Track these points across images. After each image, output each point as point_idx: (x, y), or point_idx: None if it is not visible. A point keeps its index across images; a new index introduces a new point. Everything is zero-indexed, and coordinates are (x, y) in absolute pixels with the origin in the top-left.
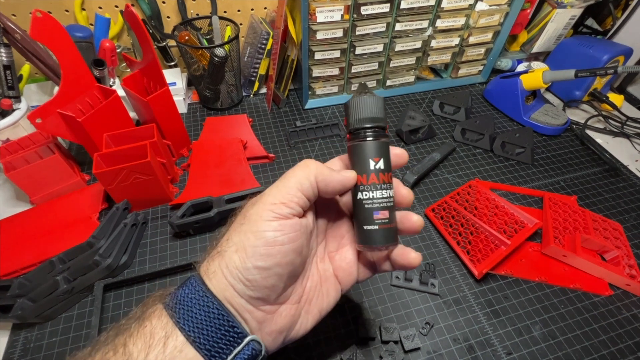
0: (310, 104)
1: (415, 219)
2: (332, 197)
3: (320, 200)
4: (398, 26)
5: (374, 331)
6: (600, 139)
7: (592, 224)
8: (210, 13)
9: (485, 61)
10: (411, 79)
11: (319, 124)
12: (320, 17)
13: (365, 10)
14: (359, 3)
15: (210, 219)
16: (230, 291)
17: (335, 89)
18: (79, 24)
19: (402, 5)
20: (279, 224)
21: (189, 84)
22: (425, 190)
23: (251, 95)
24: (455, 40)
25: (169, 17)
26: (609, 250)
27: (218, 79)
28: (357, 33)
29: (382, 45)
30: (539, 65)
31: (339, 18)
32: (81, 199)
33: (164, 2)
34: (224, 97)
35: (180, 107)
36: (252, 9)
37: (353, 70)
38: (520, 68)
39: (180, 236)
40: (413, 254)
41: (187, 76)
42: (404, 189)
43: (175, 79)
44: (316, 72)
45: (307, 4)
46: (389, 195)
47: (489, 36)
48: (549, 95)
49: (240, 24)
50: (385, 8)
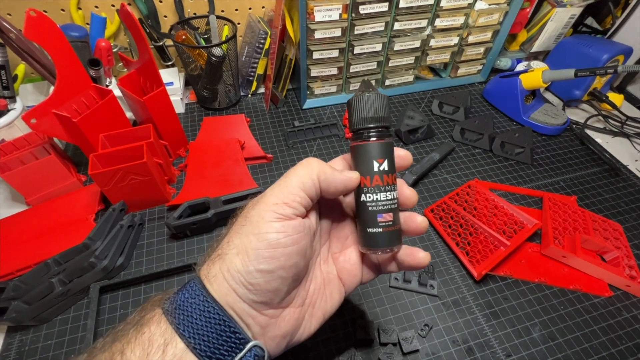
0: (309, 103)
1: (420, 220)
2: (336, 198)
3: (323, 200)
4: (397, 25)
5: (372, 333)
6: (600, 138)
7: (592, 225)
8: (208, 12)
9: (485, 60)
10: (410, 78)
11: (318, 124)
12: (319, 16)
13: (363, 9)
14: (357, 2)
15: (208, 220)
16: (232, 296)
17: (333, 89)
18: (75, 24)
19: (401, 4)
20: (282, 225)
21: (187, 83)
22: (424, 191)
23: (249, 95)
24: (455, 40)
25: (166, 17)
26: (608, 251)
27: (216, 79)
28: (356, 32)
29: (381, 44)
30: (538, 65)
31: (337, 17)
32: (77, 200)
33: (160, 1)
34: (221, 97)
35: (178, 107)
36: (250, 8)
37: (351, 70)
38: (519, 67)
39: (177, 237)
40: (422, 253)
41: (185, 76)
42: (408, 189)
43: (172, 78)
44: (314, 72)
45: (305, 3)
46: (393, 197)
47: (488, 35)
48: (548, 95)
49: (238, 23)
50: (384, 7)
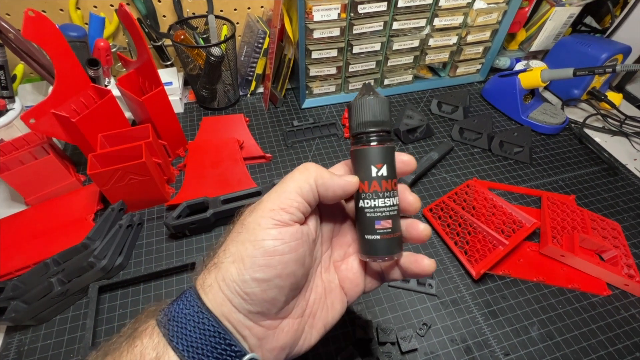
0: (308, 103)
1: (422, 227)
2: (337, 203)
3: (324, 207)
4: (395, 25)
5: (371, 332)
6: (598, 137)
7: (591, 224)
8: (207, 12)
9: (484, 60)
10: (409, 77)
11: (317, 123)
12: (317, 16)
13: (362, 8)
14: (356, 2)
15: (206, 220)
16: (228, 306)
17: (332, 88)
18: (73, 23)
19: (400, 4)
20: (279, 231)
21: (186, 83)
22: (422, 190)
23: (248, 95)
24: (453, 39)
25: (164, 16)
26: (607, 250)
27: (214, 79)
28: (354, 32)
29: (380, 44)
30: (537, 64)
31: (335, 17)
32: (76, 200)
33: (159, 1)
34: (220, 97)
35: (177, 107)
36: (249, 8)
37: (350, 70)
38: (518, 67)
39: (176, 237)
40: (427, 260)
41: (184, 76)
42: (410, 195)
43: (171, 78)
44: (313, 71)
45: (304, 2)
46: (393, 203)
47: (487, 35)
48: (547, 94)
49: (237, 23)
50: (383, 6)
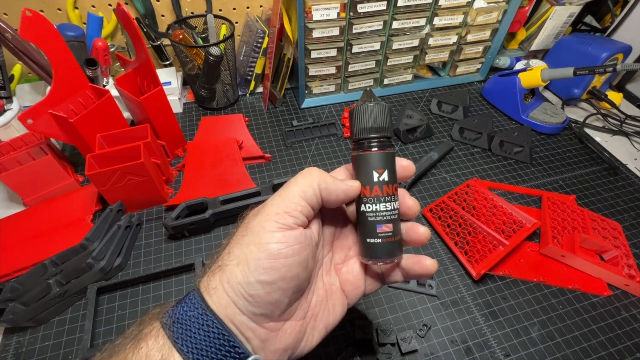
0: (307, 103)
1: (422, 230)
2: (339, 207)
3: (326, 210)
4: (395, 24)
5: (370, 333)
6: (599, 137)
7: (591, 224)
8: (205, 11)
9: (484, 59)
10: (409, 77)
11: (316, 123)
12: (316, 15)
13: (361, 8)
14: (355, 1)
15: (205, 221)
16: (232, 308)
17: (332, 88)
18: (71, 23)
19: (399, 3)
20: (283, 235)
21: (184, 83)
22: (422, 190)
23: (247, 95)
24: (453, 38)
25: (163, 16)
26: (607, 250)
27: (213, 78)
28: (354, 31)
29: (379, 43)
30: (537, 63)
31: (335, 16)
32: (75, 201)
33: (158, 1)
34: (219, 97)
35: (176, 107)
36: (248, 7)
37: (350, 69)
38: (518, 66)
39: (175, 238)
40: (429, 261)
41: (183, 75)
42: (410, 199)
43: (170, 78)
44: (313, 71)
45: (303, 1)
46: (394, 207)
47: (487, 34)
48: (547, 94)
49: (236, 23)
50: (382, 6)
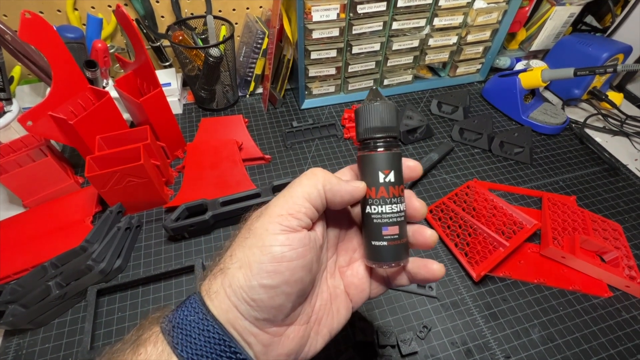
0: (307, 104)
1: (429, 233)
2: (343, 208)
3: (330, 212)
4: (395, 25)
5: (371, 335)
6: (599, 137)
7: (592, 225)
8: (205, 12)
9: (484, 60)
10: (409, 78)
11: (316, 124)
12: (316, 16)
13: (361, 9)
14: (355, 2)
15: (205, 222)
16: (234, 312)
17: (332, 89)
18: (71, 25)
19: (399, 4)
20: (287, 237)
21: (184, 84)
22: (422, 191)
23: (247, 96)
24: (453, 39)
25: (163, 17)
26: (608, 251)
27: (213, 79)
28: (354, 32)
29: (379, 44)
30: (537, 64)
31: (335, 17)
32: (74, 202)
33: (157, 2)
34: (219, 98)
35: (175, 108)
36: (248, 8)
37: (350, 70)
38: (518, 66)
39: (174, 239)
40: (436, 265)
41: (182, 76)
42: (417, 201)
43: (170, 79)
44: (312, 72)
45: (303, 2)
46: (400, 209)
47: (487, 34)
48: (547, 94)
49: (236, 24)
50: (382, 6)
